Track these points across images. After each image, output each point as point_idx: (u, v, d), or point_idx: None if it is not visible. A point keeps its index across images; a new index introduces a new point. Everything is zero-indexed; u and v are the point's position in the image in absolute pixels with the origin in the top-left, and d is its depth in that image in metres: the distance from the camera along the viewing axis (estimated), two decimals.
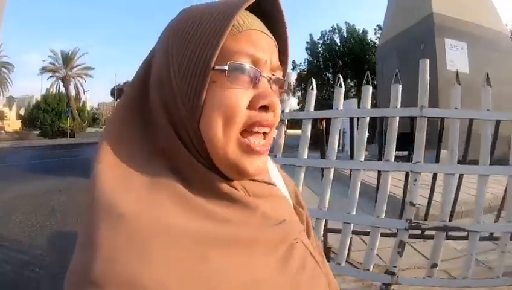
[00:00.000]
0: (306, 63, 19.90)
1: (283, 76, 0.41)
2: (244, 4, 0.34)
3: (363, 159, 1.76)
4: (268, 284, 0.32)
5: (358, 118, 1.89)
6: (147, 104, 0.37)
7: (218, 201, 0.34)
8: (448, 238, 1.82)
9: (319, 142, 2.00)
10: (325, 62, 19.35)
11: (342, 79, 1.88)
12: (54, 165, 9.15)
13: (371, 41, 18.83)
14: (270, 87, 0.37)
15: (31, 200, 4.78)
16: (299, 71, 19.95)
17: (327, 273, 0.45)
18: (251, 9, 0.37)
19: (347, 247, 1.84)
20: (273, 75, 0.38)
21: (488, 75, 1.78)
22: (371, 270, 1.77)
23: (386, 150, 1.71)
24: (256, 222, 0.36)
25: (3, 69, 34.22)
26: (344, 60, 18.94)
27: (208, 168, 0.35)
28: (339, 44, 19.49)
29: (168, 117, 0.35)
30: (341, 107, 1.84)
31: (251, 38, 0.35)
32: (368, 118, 1.79)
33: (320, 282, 0.41)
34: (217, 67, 0.33)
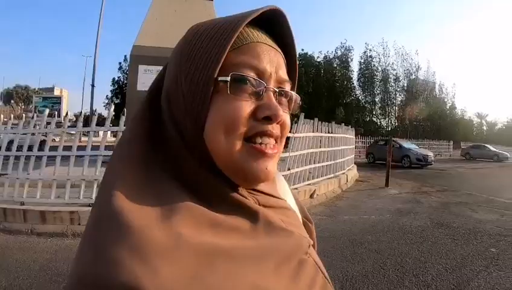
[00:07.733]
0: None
1: (292, 90, 0.41)
2: (246, 19, 0.35)
3: None
4: None
5: None
6: (158, 118, 0.38)
7: (226, 208, 0.34)
8: None
9: None
10: None
11: None
12: None
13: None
14: (277, 100, 0.37)
15: None
16: None
17: None
18: (260, 24, 0.38)
19: None
20: (280, 88, 0.38)
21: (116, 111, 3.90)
22: None
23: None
24: (265, 231, 0.35)
25: None
26: None
27: (215, 175, 0.36)
28: None
29: (176, 128, 0.36)
30: None
31: (256, 50, 0.36)
32: None
33: None
34: (220, 78, 0.34)
